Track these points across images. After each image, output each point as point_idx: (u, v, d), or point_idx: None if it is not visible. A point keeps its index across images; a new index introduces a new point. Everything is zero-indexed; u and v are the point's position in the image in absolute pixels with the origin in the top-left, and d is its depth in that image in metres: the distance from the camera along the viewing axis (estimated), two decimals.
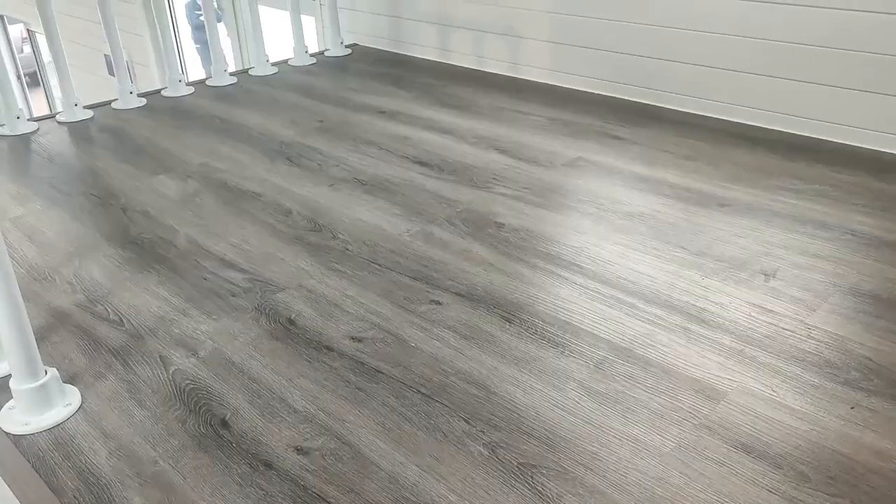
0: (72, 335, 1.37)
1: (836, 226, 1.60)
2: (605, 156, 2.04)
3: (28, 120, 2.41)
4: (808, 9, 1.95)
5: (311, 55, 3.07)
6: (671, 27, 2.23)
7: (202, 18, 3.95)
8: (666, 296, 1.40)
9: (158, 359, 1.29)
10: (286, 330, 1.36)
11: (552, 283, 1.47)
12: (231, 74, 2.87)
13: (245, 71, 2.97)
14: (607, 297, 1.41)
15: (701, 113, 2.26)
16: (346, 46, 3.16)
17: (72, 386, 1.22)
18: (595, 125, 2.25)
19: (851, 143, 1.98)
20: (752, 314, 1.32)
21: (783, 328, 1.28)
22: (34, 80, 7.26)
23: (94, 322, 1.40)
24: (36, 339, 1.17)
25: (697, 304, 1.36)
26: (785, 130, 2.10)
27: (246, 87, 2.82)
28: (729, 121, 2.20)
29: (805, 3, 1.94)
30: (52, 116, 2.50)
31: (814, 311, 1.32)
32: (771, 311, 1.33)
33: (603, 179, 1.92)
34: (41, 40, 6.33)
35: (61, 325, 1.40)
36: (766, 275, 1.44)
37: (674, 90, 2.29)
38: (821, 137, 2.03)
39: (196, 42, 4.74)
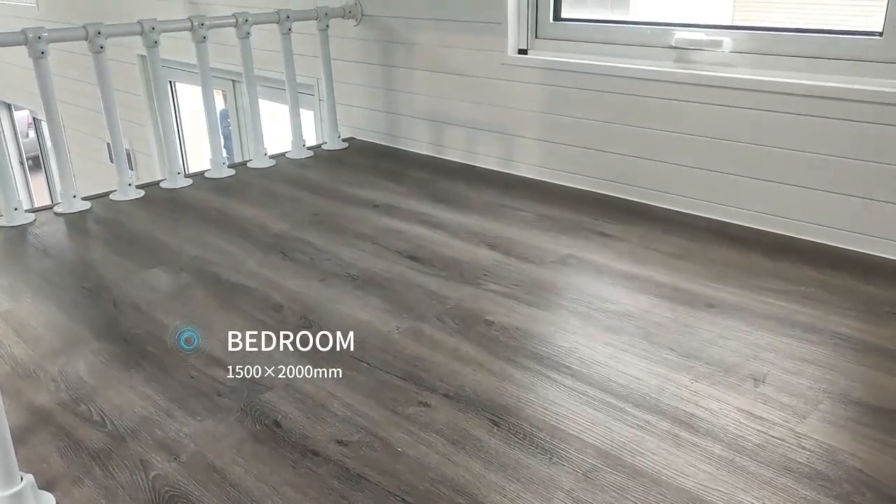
0: (52, 437, 1.34)
1: (824, 329, 1.61)
2: (594, 253, 2.07)
3: (26, 211, 2.44)
4: (792, 116, 2.03)
5: (309, 148, 3.15)
6: (658, 129, 2.31)
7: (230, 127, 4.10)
8: (655, 399, 1.39)
9: (139, 462, 1.27)
10: (271, 432, 1.34)
11: (541, 384, 1.46)
12: (229, 167, 2.94)
13: (244, 163, 3.04)
14: (596, 400, 1.40)
15: (687, 211, 2.30)
16: (343, 140, 3.25)
17: (48, 493, 1.19)
18: (585, 222, 2.29)
19: (836, 245, 2.02)
20: (742, 421, 1.31)
21: (773, 436, 1.27)
22: (37, 163, 7.41)
23: (75, 423, 1.38)
24: (15, 441, 1.15)
25: (687, 409, 1.35)
26: (770, 230, 2.14)
27: (244, 179, 2.88)
28: (715, 219, 2.24)
29: (790, 110, 2.02)
30: (50, 207, 2.53)
31: (804, 418, 1.31)
32: (761, 417, 1.32)
33: (592, 277, 1.94)
34: (45, 127, 6.48)
35: (42, 425, 1.38)
36: (755, 379, 1.43)
37: (661, 188, 2.35)
38: (805, 238, 2.07)
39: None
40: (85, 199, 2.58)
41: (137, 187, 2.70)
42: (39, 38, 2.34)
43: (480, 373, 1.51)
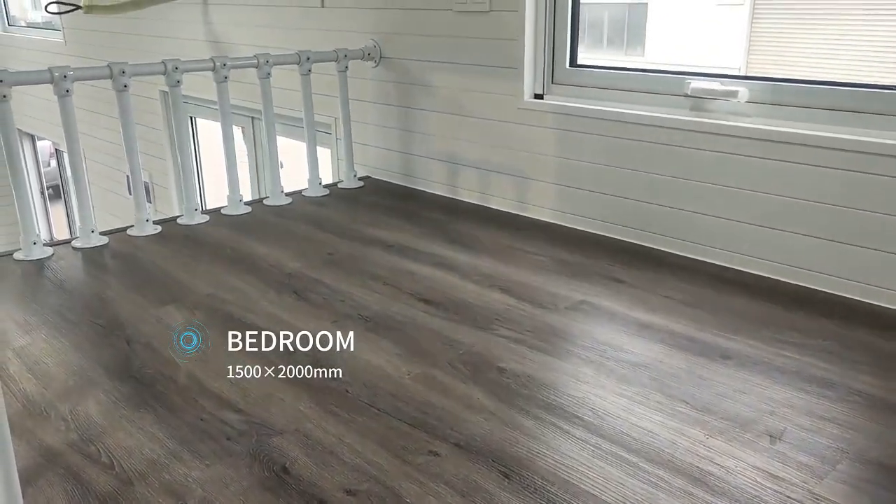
0: (60, 479, 1.34)
1: (841, 385, 1.58)
2: (607, 299, 2.06)
3: (44, 245, 2.47)
4: (810, 167, 2.02)
5: (325, 186, 3.18)
6: (673, 176, 2.32)
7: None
8: (669, 455, 1.37)
9: None
10: (279, 479, 1.33)
11: (553, 435, 1.44)
12: (246, 204, 2.96)
13: (260, 200, 3.07)
14: (609, 453, 1.38)
15: (702, 259, 2.29)
16: (359, 179, 3.27)
17: None
18: (598, 267, 2.29)
19: (851, 297, 2.00)
20: (759, 480, 1.29)
21: (791, 498, 1.24)
22: (57, 192, 7.54)
23: (84, 464, 1.38)
24: (22, 482, 1.14)
25: (701, 465, 1.33)
26: (785, 280, 2.12)
27: (260, 216, 2.90)
28: (729, 268, 2.23)
29: (807, 161, 2.02)
30: (68, 242, 2.56)
31: (821, 479, 1.29)
32: (777, 477, 1.29)
33: (605, 325, 1.93)
34: (66, 158, 6.60)
35: (50, 466, 1.37)
36: (771, 436, 1.41)
37: (676, 235, 2.35)
38: (820, 289, 2.05)
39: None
40: (103, 233, 2.61)
41: (154, 223, 2.73)
42: (65, 76, 2.39)
43: (492, 422, 1.49)
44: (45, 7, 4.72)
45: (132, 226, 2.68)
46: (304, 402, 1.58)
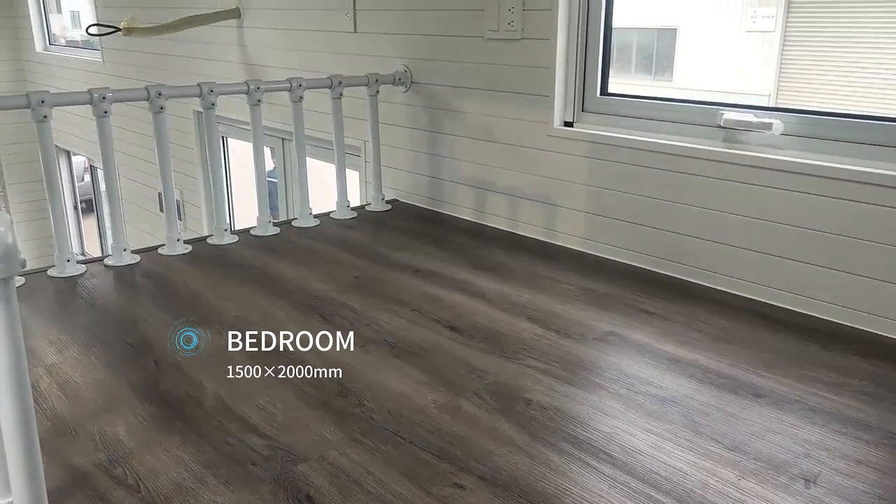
0: (87, 500, 1.34)
1: (878, 428, 1.54)
2: (636, 331, 2.03)
3: (77, 262, 2.51)
4: (845, 202, 1.99)
5: (353, 209, 3.19)
6: (704, 208, 2.29)
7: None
8: (700, 496, 1.33)
9: None
10: None
11: (580, 471, 1.42)
12: (275, 225, 2.99)
13: (289, 222, 3.09)
14: (637, 492, 1.35)
15: (733, 292, 2.26)
16: (387, 202, 3.29)
17: None
18: (627, 298, 2.26)
19: (889, 336, 1.95)
20: None
21: None
22: (89, 206, 7.69)
23: (111, 486, 1.38)
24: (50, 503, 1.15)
25: None
26: (819, 316, 2.08)
27: (288, 238, 2.93)
28: (761, 301, 2.19)
29: (842, 196, 1.99)
30: (100, 259, 2.60)
31: None
32: None
33: (634, 357, 1.90)
34: (100, 174, 6.74)
35: (78, 487, 1.38)
36: (806, 480, 1.37)
37: (706, 267, 2.32)
38: (856, 326, 2.01)
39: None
40: (134, 251, 2.64)
41: (185, 242, 2.76)
42: (104, 98, 2.44)
43: (518, 455, 1.47)
44: (87, 29, 4.85)
45: (163, 245, 2.72)
46: (329, 428, 1.57)
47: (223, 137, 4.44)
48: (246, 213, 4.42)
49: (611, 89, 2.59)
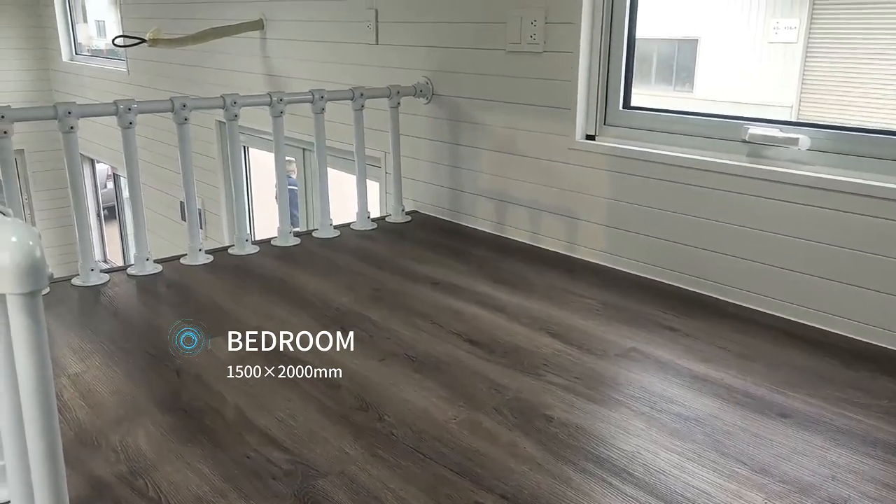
0: None
1: None
2: (659, 348, 2.01)
3: (101, 272, 2.53)
4: (871, 218, 1.96)
5: (373, 220, 3.20)
6: (729, 223, 2.27)
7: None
8: None
9: None
10: None
11: (602, 491, 1.40)
12: (295, 235, 3.00)
13: (309, 232, 3.10)
14: None
15: (758, 308, 2.23)
16: (407, 213, 3.29)
17: None
18: (649, 313, 2.24)
19: None
20: None
21: None
22: (112, 212, 7.79)
23: (132, 498, 1.39)
24: None
25: None
26: (845, 335, 2.04)
27: (309, 248, 2.94)
28: (786, 319, 2.16)
29: (870, 212, 1.96)
30: (123, 269, 2.63)
31: None
32: None
33: (656, 374, 1.88)
34: (123, 182, 6.82)
35: (99, 498, 1.39)
36: (834, 503, 1.35)
37: (729, 283, 2.29)
38: (883, 346, 1.97)
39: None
40: (157, 261, 2.67)
41: (207, 252, 2.78)
42: (129, 109, 2.47)
43: (539, 473, 1.46)
44: (113, 40, 4.92)
45: (185, 254, 2.74)
46: (349, 442, 1.57)
47: (244, 147, 4.47)
48: (266, 221, 4.46)
49: (633, 101, 2.58)
